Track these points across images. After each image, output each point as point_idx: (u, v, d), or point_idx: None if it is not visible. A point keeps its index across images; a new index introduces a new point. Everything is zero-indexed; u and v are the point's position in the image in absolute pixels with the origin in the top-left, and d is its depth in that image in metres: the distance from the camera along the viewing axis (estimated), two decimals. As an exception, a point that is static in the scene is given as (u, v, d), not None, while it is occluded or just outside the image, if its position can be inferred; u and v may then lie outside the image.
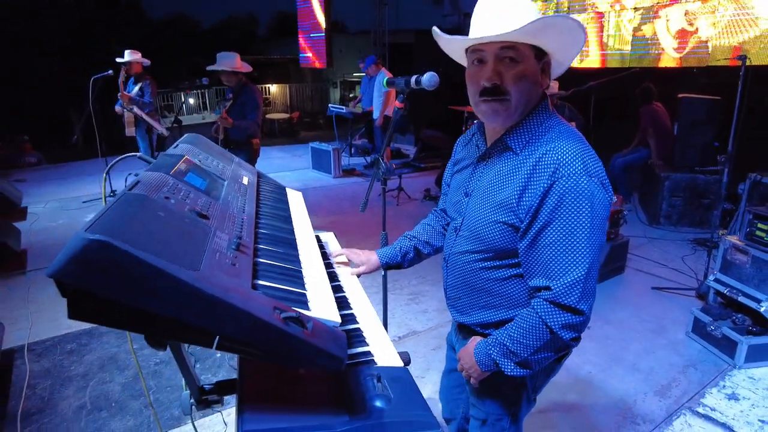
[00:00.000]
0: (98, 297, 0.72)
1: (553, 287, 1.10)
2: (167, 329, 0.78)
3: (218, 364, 2.94)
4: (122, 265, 0.71)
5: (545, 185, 1.09)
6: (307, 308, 0.99)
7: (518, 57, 1.12)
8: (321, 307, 1.01)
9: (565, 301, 1.09)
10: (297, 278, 1.12)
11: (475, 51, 1.15)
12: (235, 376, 1.16)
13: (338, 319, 1.00)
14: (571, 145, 1.11)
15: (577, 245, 1.08)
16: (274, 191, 1.70)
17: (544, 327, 1.12)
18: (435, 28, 1.22)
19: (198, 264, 0.81)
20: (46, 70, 15.03)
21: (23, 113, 12.66)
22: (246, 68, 4.29)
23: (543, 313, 1.12)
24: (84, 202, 6.35)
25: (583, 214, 1.07)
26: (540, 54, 1.15)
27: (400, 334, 3.29)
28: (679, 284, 3.92)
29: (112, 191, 6.48)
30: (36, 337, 3.24)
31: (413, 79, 1.66)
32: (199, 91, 14.07)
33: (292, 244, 1.32)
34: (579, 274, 1.08)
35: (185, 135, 1.62)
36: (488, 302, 1.30)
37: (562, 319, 1.10)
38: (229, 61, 4.19)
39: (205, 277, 0.77)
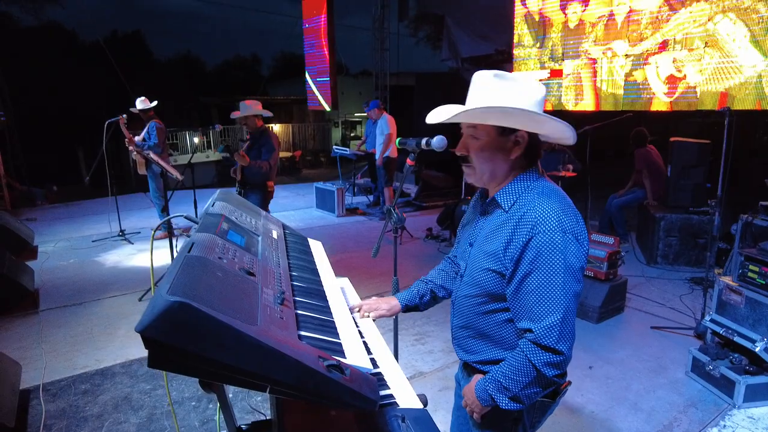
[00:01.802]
0: (176, 349, 0.85)
1: (534, 329, 1.27)
2: (228, 376, 0.91)
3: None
4: (198, 323, 0.85)
5: (525, 239, 1.27)
6: (344, 356, 1.12)
7: (477, 134, 1.34)
8: (355, 355, 1.14)
9: (545, 342, 1.25)
10: (332, 328, 1.27)
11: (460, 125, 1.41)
12: (252, 417, 1.27)
13: (371, 366, 1.13)
14: (549, 205, 1.29)
15: (554, 293, 1.25)
16: (298, 243, 1.86)
17: (530, 365, 1.28)
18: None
19: (255, 319, 0.95)
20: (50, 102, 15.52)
21: (36, 153, 12.96)
22: (266, 113, 4.76)
23: (528, 352, 1.28)
24: (93, 241, 6.47)
25: (558, 266, 1.24)
26: (507, 130, 1.33)
27: (407, 375, 3.35)
28: (677, 323, 4.02)
29: (121, 231, 6.63)
30: (50, 377, 3.31)
31: (424, 141, 1.84)
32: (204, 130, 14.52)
33: (321, 295, 1.46)
34: (556, 318, 1.24)
35: (217, 192, 1.78)
36: (487, 342, 1.46)
37: (544, 357, 1.26)
38: (253, 108, 4.63)
39: (263, 331, 0.91)
